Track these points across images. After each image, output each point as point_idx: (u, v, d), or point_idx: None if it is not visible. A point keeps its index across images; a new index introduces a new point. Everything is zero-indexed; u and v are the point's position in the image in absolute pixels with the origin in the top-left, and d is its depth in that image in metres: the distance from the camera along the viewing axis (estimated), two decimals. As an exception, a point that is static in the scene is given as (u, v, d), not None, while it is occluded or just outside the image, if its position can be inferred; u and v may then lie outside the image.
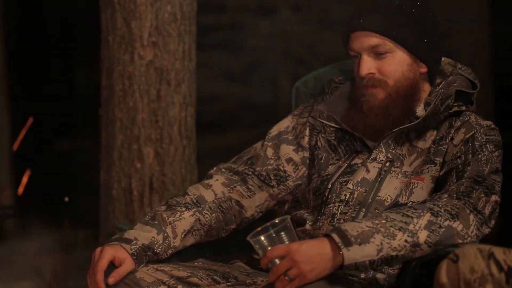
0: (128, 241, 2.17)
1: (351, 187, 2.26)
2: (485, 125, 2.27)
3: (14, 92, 6.52)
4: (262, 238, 2.04)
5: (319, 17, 6.31)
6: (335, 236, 2.03)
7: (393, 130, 2.28)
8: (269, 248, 2.03)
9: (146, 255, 2.19)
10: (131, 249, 2.16)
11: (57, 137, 6.60)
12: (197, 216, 2.29)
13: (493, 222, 2.17)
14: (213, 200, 2.33)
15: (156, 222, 2.24)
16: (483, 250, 1.84)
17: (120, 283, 2.14)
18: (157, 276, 2.17)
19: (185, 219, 2.27)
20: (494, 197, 2.16)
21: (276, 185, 2.39)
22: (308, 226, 2.28)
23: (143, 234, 2.20)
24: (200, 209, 2.30)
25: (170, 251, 2.24)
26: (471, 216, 2.11)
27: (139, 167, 3.07)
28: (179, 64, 3.04)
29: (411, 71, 2.26)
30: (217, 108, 6.10)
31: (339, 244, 2.02)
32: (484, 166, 2.20)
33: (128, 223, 2.97)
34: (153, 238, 2.21)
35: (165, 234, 2.23)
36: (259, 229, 2.05)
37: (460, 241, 2.09)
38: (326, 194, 2.28)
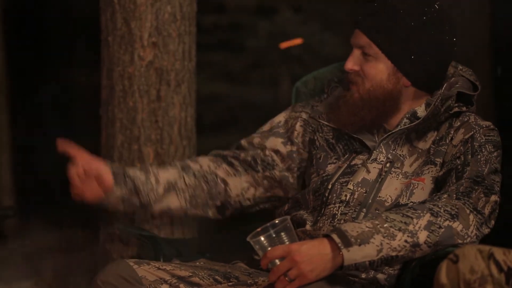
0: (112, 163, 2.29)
1: (352, 187, 2.26)
2: (484, 126, 2.27)
3: (14, 92, 6.51)
4: (262, 238, 2.04)
5: (319, 17, 6.31)
6: (335, 236, 2.03)
7: (393, 131, 2.28)
8: (269, 248, 2.03)
9: (126, 182, 2.26)
10: (111, 166, 2.25)
11: (57, 137, 6.59)
12: (181, 174, 2.34)
13: (492, 222, 2.17)
14: (198, 170, 2.39)
15: (141, 167, 2.34)
16: (483, 250, 1.84)
17: (122, 280, 2.14)
18: (159, 275, 2.17)
19: (170, 172, 2.36)
20: (493, 197, 2.17)
21: (262, 171, 2.40)
22: (308, 226, 2.28)
23: (128, 168, 2.30)
24: (186, 172, 2.37)
25: (152, 195, 2.30)
26: (471, 216, 2.11)
27: (139, 168, 3.07)
28: (179, 64, 3.04)
29: (390, 81, 2.26)
30: (217, 108, 6.10)
31: (339, 245, 2.02)
32: (483, 166, 2.20)
33: (128, 223, 2.97)
34: (136, 173, 2.29)
35: (148, 176, 2.31)
36: (259, 229, 2.05)
37: (460, 241, 2.09)
38: (326, 195, 2.28)
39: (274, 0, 6.26)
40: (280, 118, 2.46)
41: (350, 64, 2.29)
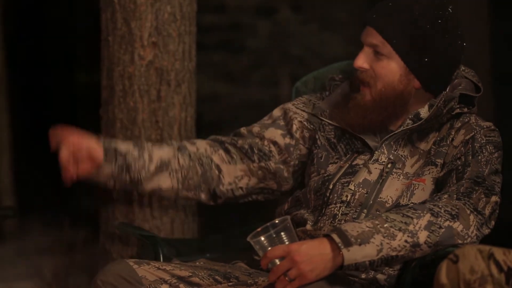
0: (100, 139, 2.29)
1: (353, 188, 2.26)
2: (485, 126, 2.27)
3: (14, 93, 6.51)
4: (262, 238, 2.04)
5: (319, 17, 6.31)
6: (335, 236, 2.03)
7: (396, 131, 2.28)
8: (269, 248, 2.03)
9: (117, 159, 2.27)
10: (102, 141, 2.27)
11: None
12: (176, 154, 2.34)
13: (493, 222, 2.17)
14: (194, 152, 2.39)
15: (136, 143, 2.34)
16: (483, 250, 1.84)
17: (122, 280, 2.14)
18: (159, 275, 2.17)
19: (164, 150, 2.36)
20: (494, 198, 2.17)
21: (257, 161, 2.40)
22: (309, 226, 2.28)
23: (120, 143, 2.31)
24: (181, 152, 2.37)
25: (143, 173, 2.31)
26: (471, 217, 2.11)
27: (139, 168, 3.07)
28: (179, 64, 3.04)
29: (401, 82, 2.25)
30: (217, 108, 6.11)
31: (339, 245, 2.02)
32: (484, 167, 2.20)
33: (128, 223, 2.97)
34: (128, 149, 2.30)
35: (142, 152, 2.32)
36: (259, 229, 2.05)
37: (460, 241, 2.09)
38: (328, 195, 2.28)
39: (274, 0, 6.26)
40: (280, 110, 2.45)
41: (360, 61, 2.27)
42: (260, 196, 2.45)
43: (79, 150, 2.27)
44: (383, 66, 2.25)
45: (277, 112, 2.45)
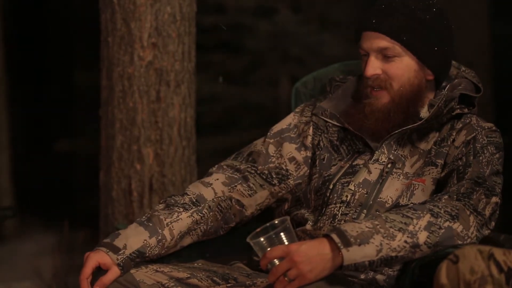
0: (116, 250, 2.17)
1: (353, 188, 2.26)
2: (486, 127, 2.27)
3: (14, 93, 6.51)
4: (262, 239, 2.04)
5: (319, 17, 6.31)
6: (334, 236, 2.03)
7: (396, 131, 2.27)
8: (269, 249, 2.03)
9: (134, 262, 2.19)
10: (117, 259, 2.16)
11: (57, 138, 6.60)
12: (194, 217, 2.28)
13: (493, 223, 2.17)
14: (212, 199, 2.32)
15: (150, 224, 2.23)
16: (483, 251, 1.84)
17: (119, 285, 2.14)
18: (157, 278, 2.17)
19: (182, 220, 2.26)
20: (494, 199, 2.16)
21: (278, 184, 2.38)
22: (308, 226, 2.27)
23: (134, 239, 2.20)
24: (200, 208, 2.29)
25: (164, 251, 2.24)
26: (471, 217, 2.11)
27: (138, 168, 3.07)
28: (178, 65, 3.04)
29: (417, 77, 2.25)
30: (216, 109, 6.10)
31: (339, 245, 2.02)
32: (485, 167, 2.20)
33: (127, 223, 2.97)
34: (145, 241, 2.20)
35: (159, 237, 2.22)
36: (258, 230, 2.05)
37: (460, 242, 2.09)
38: (328, 195, 2.28)
39: (274, 0, 6.26)
40: (289, 120, 2.42)
41: (372, 70, 2.25)
42: (274, 205, 2.44)
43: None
44: (397, 67, 2.24)
45: (287, 120, 2.42)
